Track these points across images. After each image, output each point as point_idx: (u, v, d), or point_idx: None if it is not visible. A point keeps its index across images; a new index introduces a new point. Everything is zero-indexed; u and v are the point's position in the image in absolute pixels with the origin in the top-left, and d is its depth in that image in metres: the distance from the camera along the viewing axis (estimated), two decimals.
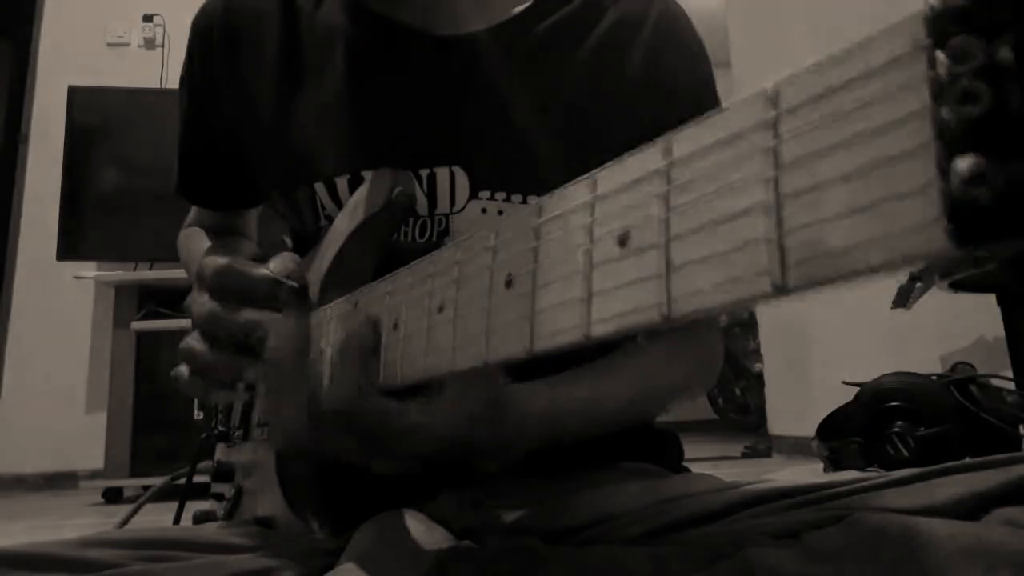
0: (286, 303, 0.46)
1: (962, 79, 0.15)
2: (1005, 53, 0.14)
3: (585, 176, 0.24)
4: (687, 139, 0.21)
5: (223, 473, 0.64)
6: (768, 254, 0.18)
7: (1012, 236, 0.14)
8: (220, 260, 0.47)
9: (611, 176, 0.23)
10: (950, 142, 0.15)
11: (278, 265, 0.46)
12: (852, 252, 0.16)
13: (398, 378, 0.35)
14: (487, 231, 0.28)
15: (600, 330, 0.22)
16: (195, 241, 0.72)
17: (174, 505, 0.82)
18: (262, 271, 0.46)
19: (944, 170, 0.15)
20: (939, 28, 0.15)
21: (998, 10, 0.15)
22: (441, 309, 0.31)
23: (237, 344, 0.47)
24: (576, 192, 0.24)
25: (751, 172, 0.18)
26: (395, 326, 0.35)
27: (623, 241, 0.22)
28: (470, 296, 0.29)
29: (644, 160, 0.22)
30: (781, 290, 0.17)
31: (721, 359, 0.62)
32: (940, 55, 0.15)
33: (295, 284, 0.46)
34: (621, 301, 0.22)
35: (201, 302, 0.47)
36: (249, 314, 0.45)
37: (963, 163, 0.14)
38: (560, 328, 0.24)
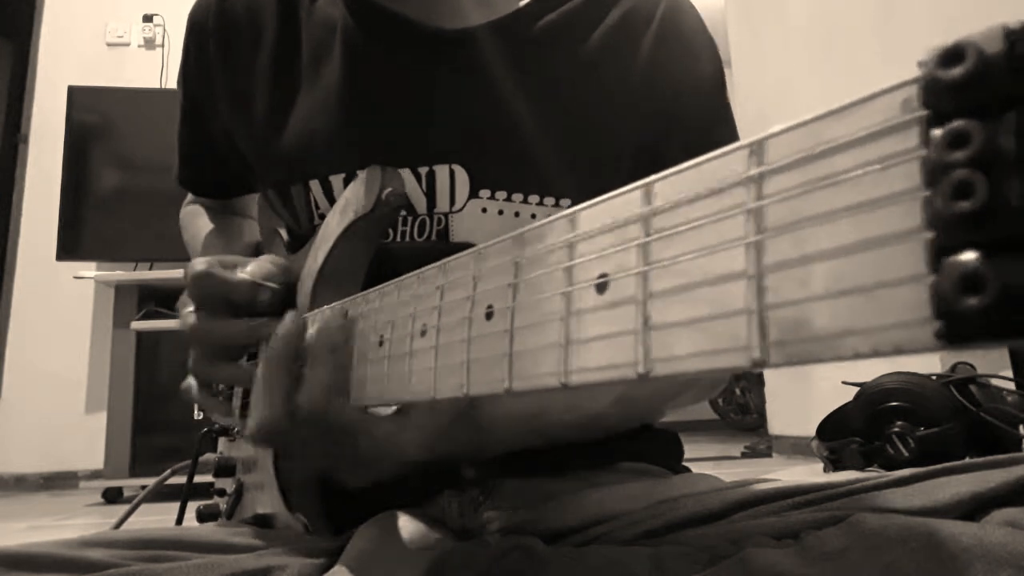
0: (265, 304, 0.48)
1: (957, 169, 0.13)
2: (1006, 139, 0.13)
3: (565, 213, 0.23)
4: (669, 185, 0.20)
5: (225, 468, 0.64)
6: (748, 327, 0.17)
7: (1007, 339, 0.13)
8: (200, 267, 0.49)
9: (591, 216, 0.22)
10: (943, 234, 0.13)
11: (256, 269, 0.49)
12: (837, 338, 0.15)
13: (384, 397, 0.35)
14: (469, 256, 0.28)
15: (577, 379, 0.21)
16: (197, 220, 0.73)
17: (174, 505, 0.82)
18: (240, 276, 0.48)
19: (935, 265, 0.13)
20: (934, 98, 0.14)
21: (999, 84, 0.13)
22: (424, 333, 0.30)
23: (224, 352, 0.50)
24: (555, 229, 0.24)
25: (733, 233, 0.17)
26: (380, 343, 0.35)
27: (602, 288, 0.21)
28: (451, 324, 0.28)
29: (625, 203, 0.21)
30: (760, 364, 0.16)
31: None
32: (935, 133, 0.14)
33: (273, 286, 0.49)
34: (599, 353, 0.21)
35: (186, 313, 0.49)
36: (229, 325, 0.48)
37: (956, 263, 0.13)
38: (538, 372, 0.23)
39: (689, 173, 0.19)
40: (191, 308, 0.49)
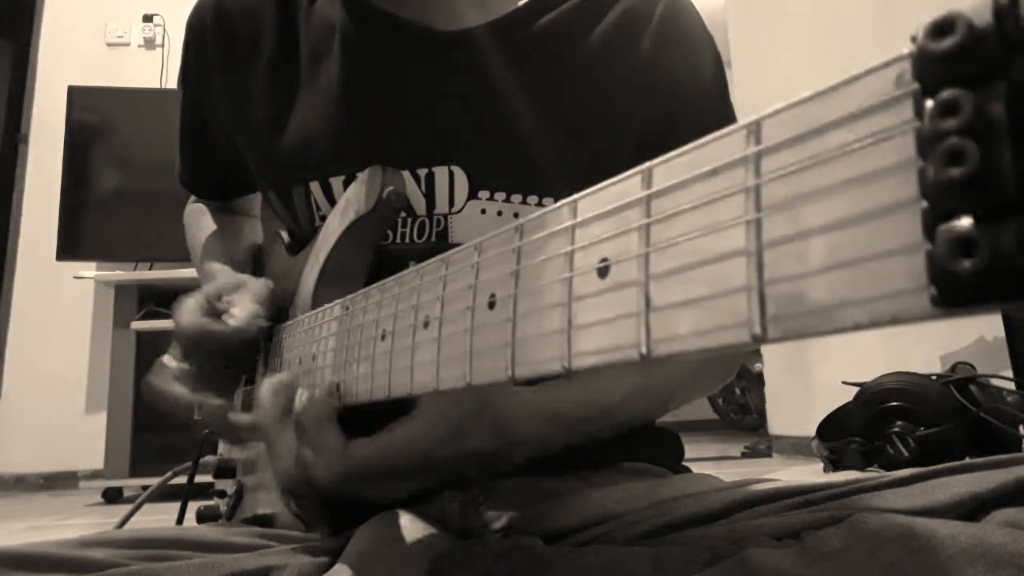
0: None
1: (948, 137, 0.14)
2: (995, 107, 0.13)
3: (566, 200, 0.23)
4: (668, 169, 0.20)
5: (225, 470, 0.64)
6: (748, 303, 0.17)
7: (1000, 302, 0.13)
8: (189, 329, 0.52)
9: (591, 202, 0.23)
10: (936, 202, 0.14)
11: (244, 314, 0.52)
12: (834, 310, 0.15)
13: (387, 391, 0.35)
14: (471, 247, 0.28)
15: (580, 363, 0.22)
16: (200, 220, 0.73)
17: (175, 505, 0.82)
18: (226, 327, 0.51)
19: (930, 233, 0.14)
20: (925, 70, 0.14)
21: (989, 54, 0.13)
22: (427, 325, 0.30)
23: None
24: (556, 216, 0.24)
25: (732, 212, 0.18)
26: (383, 337, 0.35)
27: (603, 272, 0.21)
28: (453, 315, 0.28)
29: (624, 188, 0.21)
30: (760, 340, 0.17)
31: (740, 356, 0.62)
32: (928, 104, 0.14)
33: (262, 323, 0.52)
34: (601, 336, 0.21)
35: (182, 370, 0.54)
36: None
37: (950, 228, 0.13)
38: (541, 358, 0.23)
39: (688, 156, 0.20)
40: (181, 365, 0.53)
